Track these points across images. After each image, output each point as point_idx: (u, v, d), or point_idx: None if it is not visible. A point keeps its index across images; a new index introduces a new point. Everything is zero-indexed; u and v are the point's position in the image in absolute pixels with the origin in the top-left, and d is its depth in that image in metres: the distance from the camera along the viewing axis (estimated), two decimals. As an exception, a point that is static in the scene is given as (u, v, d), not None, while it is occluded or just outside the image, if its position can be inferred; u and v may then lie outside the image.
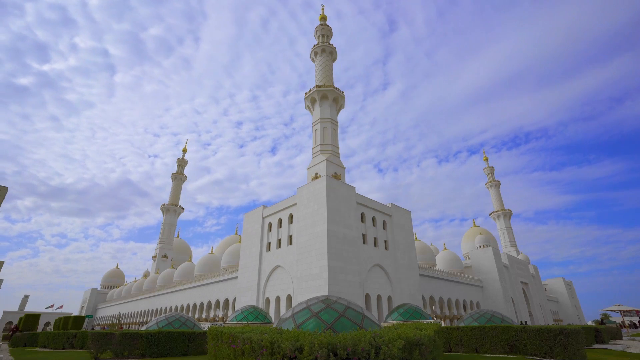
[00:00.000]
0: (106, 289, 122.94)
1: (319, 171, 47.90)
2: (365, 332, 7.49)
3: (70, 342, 27.78)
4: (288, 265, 39.03)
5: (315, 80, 58.97)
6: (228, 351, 9.00)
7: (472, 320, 21.99)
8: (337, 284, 33.35)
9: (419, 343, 7.61)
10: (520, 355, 16.77)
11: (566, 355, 15.65)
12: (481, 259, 68.90)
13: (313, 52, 61.51)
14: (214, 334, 10.99)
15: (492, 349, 17.98)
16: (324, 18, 64.33)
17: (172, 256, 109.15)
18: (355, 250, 37.42)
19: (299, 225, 38.87)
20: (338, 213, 37.02)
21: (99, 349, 17.18)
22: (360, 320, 10.83)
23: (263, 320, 28.27)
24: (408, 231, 48.58)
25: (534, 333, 16.81)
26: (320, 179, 38.74)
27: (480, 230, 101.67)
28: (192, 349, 18.49)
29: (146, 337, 17.31)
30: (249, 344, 7.83)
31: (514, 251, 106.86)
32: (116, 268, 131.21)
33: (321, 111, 53.61)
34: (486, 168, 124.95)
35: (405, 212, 49.45)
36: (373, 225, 42.98)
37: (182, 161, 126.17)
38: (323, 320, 10.56)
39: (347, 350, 6.52)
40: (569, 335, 15.89)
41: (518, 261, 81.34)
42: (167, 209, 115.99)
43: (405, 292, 42.76)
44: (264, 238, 45.21)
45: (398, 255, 44.15)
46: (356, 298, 34.50)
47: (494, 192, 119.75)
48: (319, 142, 51.50)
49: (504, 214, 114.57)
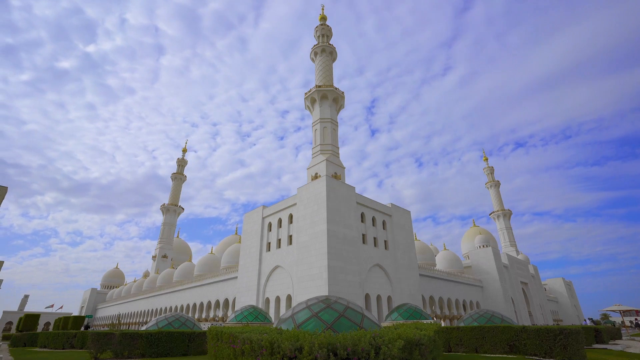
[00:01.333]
0: (106, 289, 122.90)
1: (318, 171, 47.94)
2: (365, 332, 7.49)
3: (70, 342, 27.79)
4: (288, 266, 39.03)
5: (315, 80, 58.98)
6: (228, 351, 9.00)
7: (472, 320, 22.00)
8: (337, 284, 33.35)
9: (418, 343, 7.62)
10: (520, 355, 16.77)
11: (566, 355, 15.66)
12: (481, 259, 68.94)
13: (313, 52, 61.52)
14: (213, 334, 10.99)
15: (492, 349, 17.98)
16: (324, 18, 64.34)
17: (172, 256, 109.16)
18: (355, 250, 37.43)
19: (298, 225, 38.87)
20: (338, 213, 37.02)
21: (99, 349, 17.17)
22: (360, 320, 10.83)
23: (263, 321, 28.27)
24: (408, 231, 48.61)
25: (534, 333, 16.82)
26: (320, 179, 38.75)
27: (480, 230, 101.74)
28: (192, 349, 18.49)
29: (146, 337, 17.32)
30: (248, 344, 7.83)
31: (514, 251, 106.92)
32: (116, 268, 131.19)
33: (321, 111, 53.65)
34: (486, 168, 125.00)
35: (405, 212, 49.48)
36: (373, 225, 42.98)
37: (182, 161, 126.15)
38: (323, 320, 10.57)
39: (347, 350, 6.52)
40: (568, 335, 15.90)
41: (518, 261, 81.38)
42: (167, 209, 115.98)
43: (405, 292, 42.77)
44: (263, 238, 45.21)
45: (398, 255, 44.16)
46: (356, 298, 34.50)
47: (494, 192, 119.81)
48: (319, 142, 51.54)
49: (504, 214, 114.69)
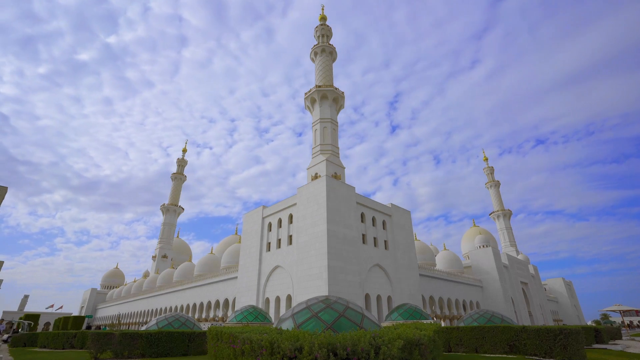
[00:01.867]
0: (106, 289, 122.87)
1: (318, 171, 47.94)
2: (365, 332, 7.49)
3: (70, 342, 27.77)
4: (288, 266, 39.02)
5: (315, 80, 58.99)
6: (228, 351, 9.00)
7: (472, 320, 22.00)
8: (337, 284, 33.35)
9: (418, 343, 7.62)
10: (520, 355, 16.77)
11: (566, 355, 15.65)
12: (481, 259, 68.92)
13: (313, 52, 61.51)
14: (213, 334, 10.99)
15: (492, 349, 17.98)
16: (323, 18, 64.34)
17: (171, 256, 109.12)
18: (355, 250, 37.42)
19: (298, 225, 38.86)
20: (338, 213, 37.02)
21: (99, 349, 17.17)
22: (360, 320, 10.83)
23: (263, 321, 28.27)
24: (408, 231, 48.60)
25: (534, 333, 16.82)
26: (320, 179, 38.75)
27: (480, 230, 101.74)
28: (192, 349, 18.48)
29: (146, 337, 17.32)
30: (248, 344, 7.83)
31: (514, 251, 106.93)
32: (116, 268, 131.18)
33: (321, 111, 53.65)
34: (486, 168, 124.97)
35: (405, 212, 49.47)
36: (373, 225, 42.97)
37: (181, 161, 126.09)
38: (323, 320, 10.57)
39: (346, 350, 6.52)
40: (568, 335, 15.89)
41: (518, 261, 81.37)
42: (167, 209, 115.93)
43: (405, 292, 42.76)
44: (263, 238, 45.20)
45: (398, 255, 44.15)
46: (356, 298, 34.50)
47: (494, 192, 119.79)
48: (319, 142, 51.55)
49: (504, 214, 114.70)
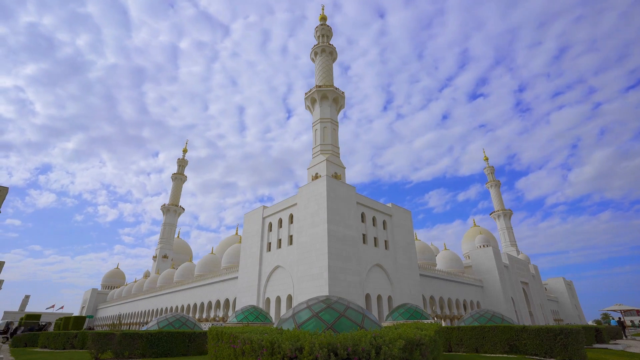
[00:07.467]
0: (106, 289, 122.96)
1: (319, 171, 47.94)
2: (366, 332, 7.48)
3: (71, 342, 27.78)
4: (288, 266, 39.03)
5: (315, 80, 58.99)
6: (228, 351, 9.00)
7: (473, 320, 22.00)
8: (337, 284, 33.35)
9: (419, 343, 7.62)
10: (521, 355, 16.76)
11: (566, 355, 15.64)
12: (481, 259, 68.90)
13: (313, 52, 61.51)
14: (214, 334, 10.98)
15: (493, 349, 17.97)
16: (324, 18, 64.34)
17: (172, 256, 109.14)
18: (356, 250, 37.42)
19: (299, 225, 38.86)
20: (338, 213, 37.02)
21: (99, 349, 17.18)
22: (360, 320, 10.83)
23: (263, 321, 28.27)
24: (408, 231, 48.59)
25: (534, 333, 16.80)
26: (320, 179, 38.75)
27: (481, 229, 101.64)
28: (193, 349, 18.48)
29: (146, 337, 17.31)
30: (249, 344, 7.83)
31: (514, 251, 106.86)
32: (117, 268, 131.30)
33: (321, 111, 53.66)
34: (486, 168, 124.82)
35: (405, 212, 49.46)
36: (373, 225, 42.97)
37: (182, 161, 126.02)
38: (323, 320, 10.56)
39: (347, 350, 6.52)
40: (569, 334, 15.88)
41: (518, 261, 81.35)
42: (167, 209, 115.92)
43: (405, 292, 42.76)
44: (264, 238, 45.21)
45: (398, 255, 44.15)
46: (356, 298, 34.50)
47: (494, 192, 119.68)
48: (319, 142, 51.56)
49: (504, 213, 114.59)
